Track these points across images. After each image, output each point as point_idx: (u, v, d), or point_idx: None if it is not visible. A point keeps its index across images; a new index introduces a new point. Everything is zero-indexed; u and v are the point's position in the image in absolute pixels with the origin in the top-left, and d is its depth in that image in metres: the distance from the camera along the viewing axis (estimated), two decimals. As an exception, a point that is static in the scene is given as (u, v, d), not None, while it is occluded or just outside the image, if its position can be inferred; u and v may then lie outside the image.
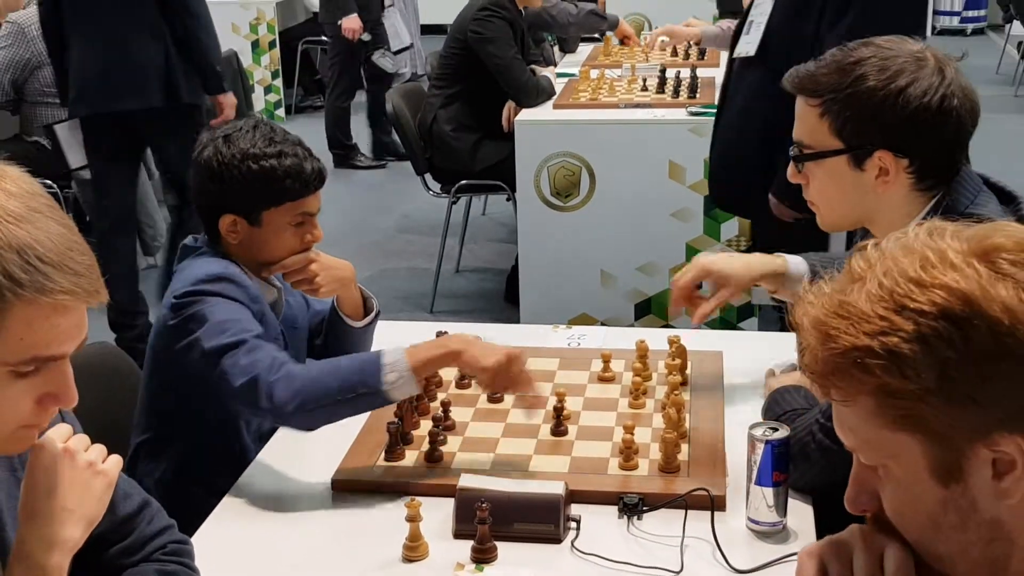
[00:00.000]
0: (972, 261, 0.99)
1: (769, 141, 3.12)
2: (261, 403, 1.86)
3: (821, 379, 1.04)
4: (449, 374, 2.27)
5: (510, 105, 4.81)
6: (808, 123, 1.87)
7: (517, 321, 4.55)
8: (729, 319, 4.33)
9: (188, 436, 2.14)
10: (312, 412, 1.87)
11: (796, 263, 2.13)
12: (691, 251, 4.30)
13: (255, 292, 2.08)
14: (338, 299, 2.30)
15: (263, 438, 2.13)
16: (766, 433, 1.74)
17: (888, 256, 1.03)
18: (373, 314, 2.33)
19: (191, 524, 1.78)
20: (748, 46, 3.19)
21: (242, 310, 2.02)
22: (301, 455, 2.04)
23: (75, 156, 4.90)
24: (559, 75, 5.13)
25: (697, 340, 2.38)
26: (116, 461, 1.33)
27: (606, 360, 2.23)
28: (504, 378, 1.89)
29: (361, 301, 2.33)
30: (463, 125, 4.84)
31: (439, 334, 2.34)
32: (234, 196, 2.10)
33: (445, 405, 2.09)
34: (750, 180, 3.22)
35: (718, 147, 3.38)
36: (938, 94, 1.78)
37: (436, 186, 5.06)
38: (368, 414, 2.11)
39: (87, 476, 1.28)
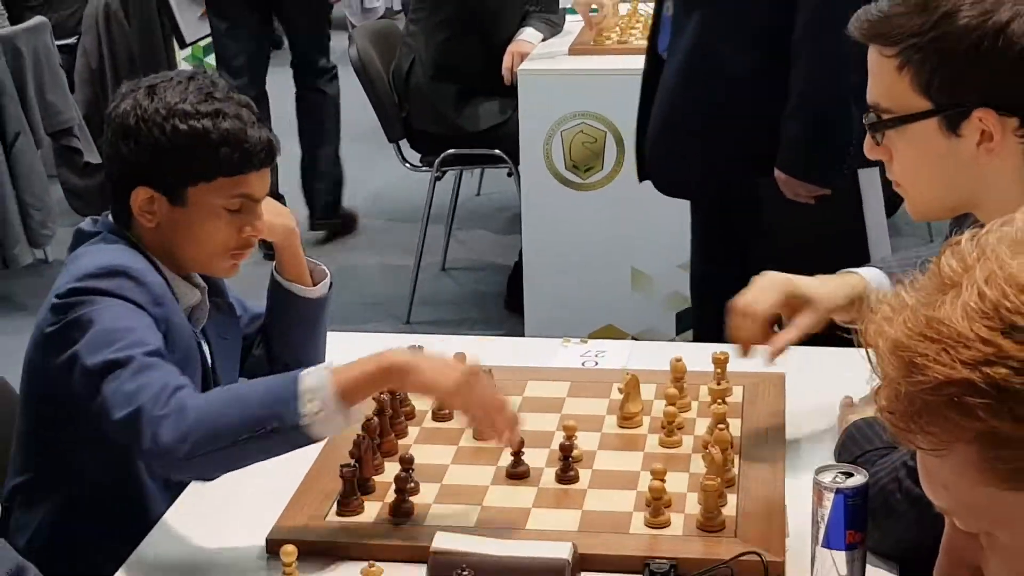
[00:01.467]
0: None
1: (736, 102, 3.28)
2: (144, 444, 1.86)
3: (904, 422, 1.03)
4: (424, 403, 2.28)
5: (512, 50, 4.84)
6: (884, 79, 1.88)
7: (521, 335, 4.57)
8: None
9: (75, 480, 2.15)
10: (208, 457, 1.85)
11: (878, 280, 2.14)
12: (750, 243, 4.32)
13: (158, 292, 2.10)
14: (279, 262, 2.34)
15: (177, 483, 2.15)
16: (837, 479, 1.76)
17: (991, 255, 1.02)
18: (326, 281, 2.36)
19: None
20: None
21: (137, 315, 2.03)
22: (227, 505, 2.06)
23: (191, 28, 6.14)
24: (570, 11, 5.15)
25: (751, 358, 2.39)
26: None
27: (630, 388, 2.24)
28: (470, 402, 1.90)
29: (305, 263, 2.36)
30: (448, 71, 4.86)
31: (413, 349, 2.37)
32: (153, 163, 2.11)
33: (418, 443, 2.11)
34: (716, 153, 3.36)
35: (659, 115, 3.46)
36: None
37: (415, 156, 5.09)
38: (315, 454, 2.13)
39: None
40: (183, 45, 6.32)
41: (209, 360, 2.27)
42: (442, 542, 1.81)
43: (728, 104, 3.33)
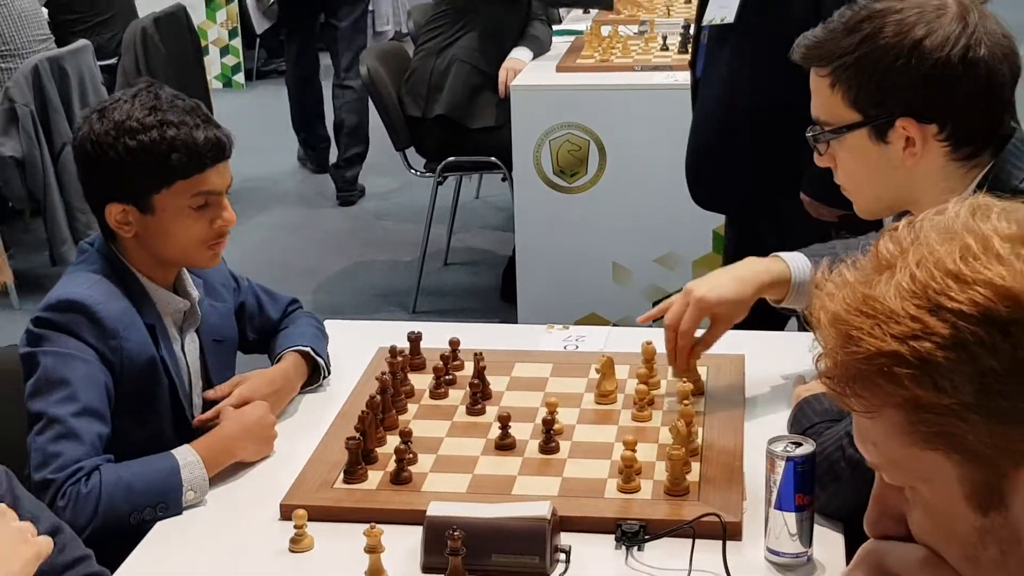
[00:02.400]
0: (1022, 252, 0.98)
1: (764, 124, 3.16)
2: (55, 508, 1.89)
3: (840, 386, 1.04)
4: (422, 382, 2.29)
5: (507, 67, 4.84)
6: (821, 96, 1.90)
7: (514, 322, 4.57)
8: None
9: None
10: (104, 531, 1.91)
11: (799, 265, 2.14)
12: (719, 240, 4.32)
13: (111, 326, 2.07)
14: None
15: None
16: (787, 449, 1.76)
17: (923, 241, 1.02)
18: (321, 379, 2.36)
19: (110, 563, 1.80)
20: (724, 11, 3.18)
21: (80, 362, 2.03)
22: (244, 474, 2.07)
23: (260, 20, 7.71)
24: (561, 32, 5.15)
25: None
26: (48, 541, 1.48)
27: (605, 368, 2.24)
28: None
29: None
30: (463, 63, 4.89)
31: (411, 336, 2.38)
32: (115, 181, 2.10)
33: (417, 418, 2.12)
34: (747, 174, 3.26)
35: (696, 137, 3.36)
36: (959, 44, 1.80)
37: (420, 163, 5.09)
38: (326, 430, 2.14)
39: (16, 538, 1.45)
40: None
41: (198, 363, 2.27)
42: (436, 506, 1.82)
43: (759, 131, 3.21)
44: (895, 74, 1.81)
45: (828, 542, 1.82)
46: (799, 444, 1.78)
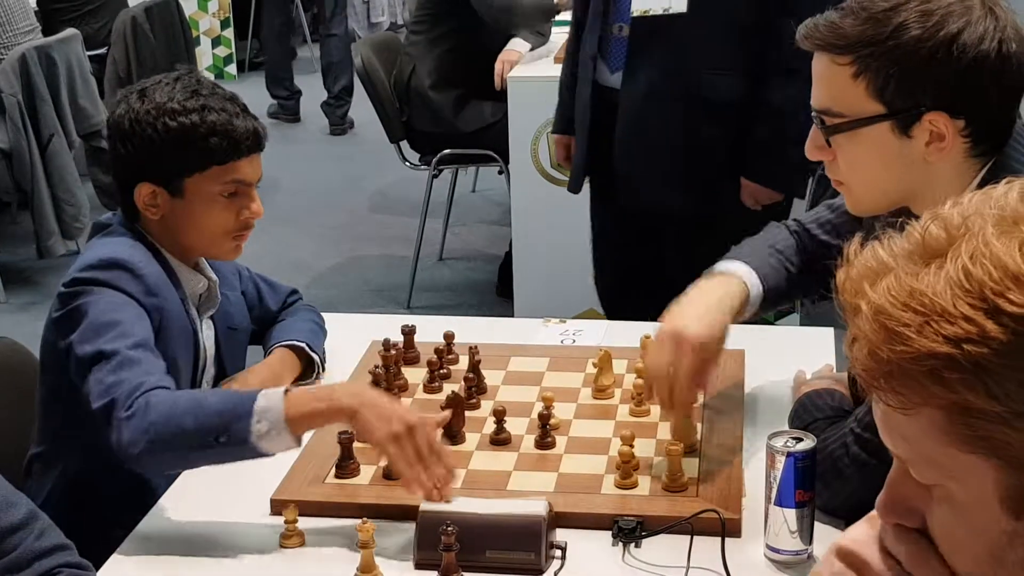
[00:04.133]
0: None
1: (699, 115, 3.20)
2: (111, 437, 1.87)
3: (876, 379, 0.99)
4: (416, 376, 2.29)
5: (503, 59, 4.83)
6: (837, 86, 1.85)
7: (511, 318, 4.57)
8: (766, 317, 4.35)
9: (83, 453, 2.13)
10: (161, 456, 1.87)
11: (753, 282, 2.08)
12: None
13: (153, 282, 2.08)
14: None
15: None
16: (788, 444, 1.76)
17: (977, 232, 0.97)
18: (313, 376, 2.33)
19: (95, 557, 1.79)
20: (662, 1, 3.19)
21: (128, 307, 2.03)
22: (234, 470, 2.05)
23: None
24: (559, 23, 5.14)
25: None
26: None
27: (603, 363, 2.23)
28: (399, 457, 1.83)
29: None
30: (445, 78, 4.85)
31: (405, 330, 2.37)
32: (150, 160, 2.11)
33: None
34: (694, 171, 3.29)
35: (627, 134, 3.35)
36: (995, 39, 1.77)
37: (414, 156, 5.08)
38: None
39: None
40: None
41: (213, 348, 2.27)
42: (430, 504, 1.81)
43: (704, 124, 3.25)
44: (931, 67, 1.77)
45: (829, 539, 1.79)
46: (799, 439, 1.77)
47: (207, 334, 2.26)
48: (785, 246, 2.18)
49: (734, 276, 2.08)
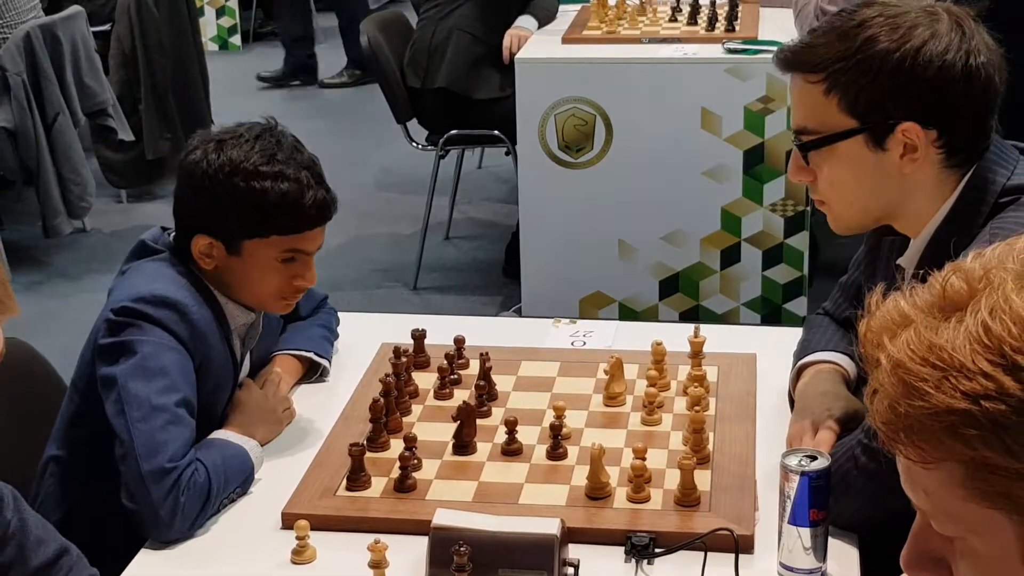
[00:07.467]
0: None
1: None
2: (175, 494, 1.90)
3: (896, 433, 0.98)
4: (427, 382, 2.28)
5: (511, 33, 4.82)
6: (810, 104, 1.89)
7: (517, 299, 4.57)
8: (773, 299, 4.35)
9: (102, 471, 2.10)
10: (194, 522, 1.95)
11: (850, 366, 2.12)
12: (727, 217, 4.31)
13: (202, 328, 2.07)
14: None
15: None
16: (802, 463, 1.75)
17: (998, 286, 0.97)
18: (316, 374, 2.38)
19: (109, 572, 1.80)
20: None
21: (176, 352, 2.02)
22: (246, 482, 2.06)
23: None
24: (568, 0, 5.12)
25: (724, 338, 2.39)
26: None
27: (614, 370, 2.22)
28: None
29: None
30: (464, 33, 4.86)
31: (415, 334, 2.36)
32: (213, 215, 2.08)
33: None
34: None
35: None
36: (961, 51, 1.82)
37: (421, 136, 5.06)
38: (327, 432, 2.14)
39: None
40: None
41: (246, 372, 2.27)
42: (442, 518, 1.80)
43: None
44: (899, 78, 1.82)
45: (842, 556, 1.82)
46: (814, 458, 1.77)
47: (245, 363, 2.26)
48: (833, 323, 2.23)
49: (838, 368, 2.12)
